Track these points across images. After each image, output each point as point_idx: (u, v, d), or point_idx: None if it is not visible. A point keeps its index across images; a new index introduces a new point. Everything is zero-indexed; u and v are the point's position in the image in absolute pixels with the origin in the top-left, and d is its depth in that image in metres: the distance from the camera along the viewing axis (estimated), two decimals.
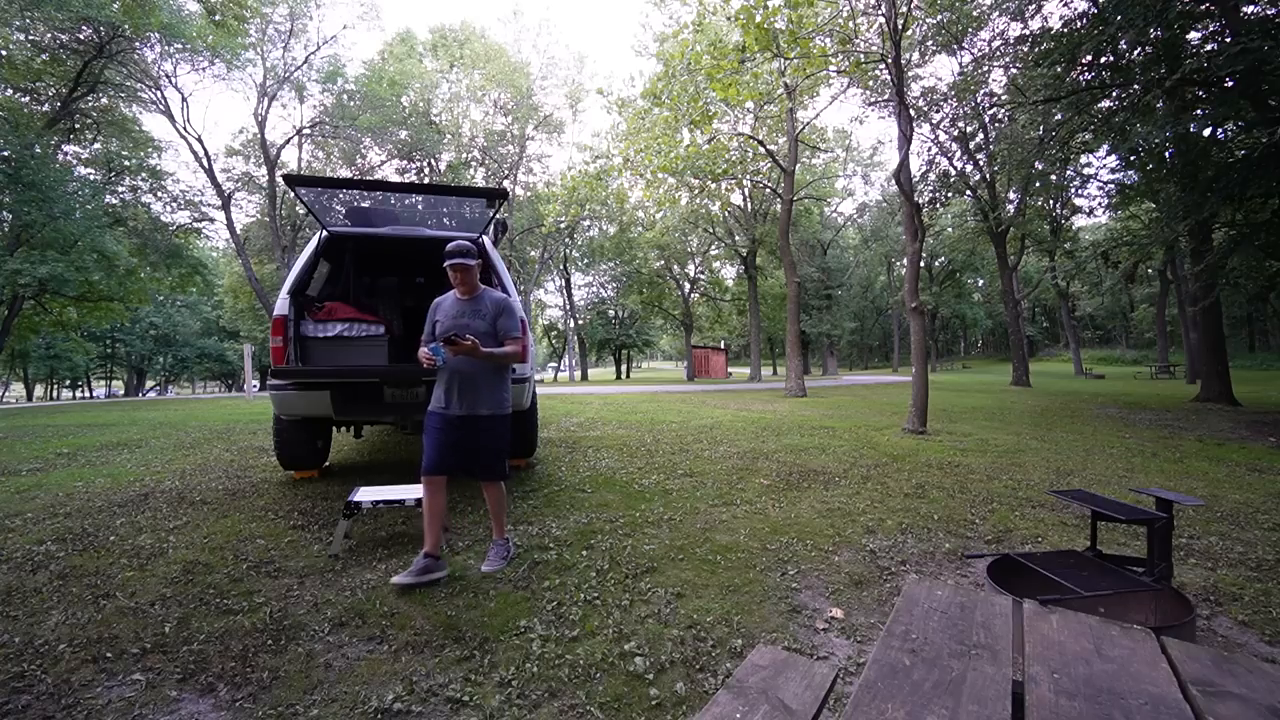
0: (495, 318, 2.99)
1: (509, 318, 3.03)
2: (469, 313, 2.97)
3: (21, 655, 2.16)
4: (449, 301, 3.04)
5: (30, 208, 14.25)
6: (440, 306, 3.05)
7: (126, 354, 39.89)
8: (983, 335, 56.03)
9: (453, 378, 2.90)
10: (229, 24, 18.34)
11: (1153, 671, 1.07)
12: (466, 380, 2.90)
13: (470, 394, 2.91)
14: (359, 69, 24.31)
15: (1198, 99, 9.56)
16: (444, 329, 2.91)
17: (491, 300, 3.03)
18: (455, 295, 3.04)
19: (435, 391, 2.97)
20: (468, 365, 2.88)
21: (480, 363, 2.88)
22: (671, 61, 13.09)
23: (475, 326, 2.92)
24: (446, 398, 2.91)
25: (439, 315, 3.02)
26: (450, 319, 2.96)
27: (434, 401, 2.97)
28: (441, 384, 2.95)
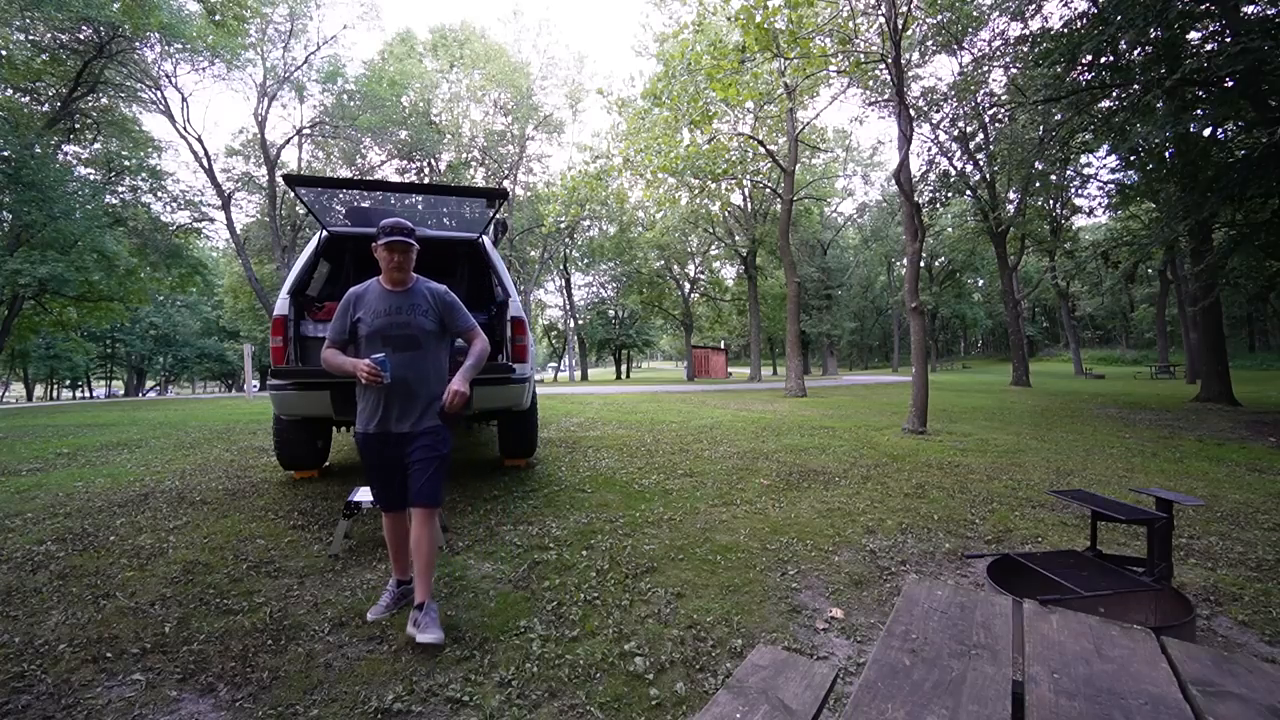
0: (441, 314, 2.48)
1: (458, 312, 2.52)
2: (406, 308, 2.39)
3: (21, 655, 2.16)
4: (373, 294, 2.43)
5: (30, 208, 14.25)
6: (362, 300, 2.42)
7: (126, 354, 39.90)
8: (983, 335, 56.04)
9: (392, 389, 2.35)
10: (229, 24, 18.34)
11: (1153, 671, 1.07)
12: (407, 390, 2.38)
13: (410, 405, 2.38)
14: (359, 69, 24.34)
15: (1198, 99, 9.56)
16: (375, 328, 2.36)
17: (431, 293, 2.48)
18: (381, 286, 2.44)
19: (363, 405, 2.40)
20: (412, 371, 2.37)
21: (428, 367, 2.42)
22: (671, 61, 13.09)
23: (420, 326, 2.40)
24: (385, 413, 2.36)
25: (361, 311, 2.40)
26: (382, 317, 2.37)
27: (365, 420, 2.38)
28: (374, 396, 2.37)
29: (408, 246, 2.40)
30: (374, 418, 2.38)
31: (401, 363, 2.33)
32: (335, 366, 2.35)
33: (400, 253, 2.39)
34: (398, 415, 2.37)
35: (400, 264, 2.40)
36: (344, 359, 2.36)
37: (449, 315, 2.51)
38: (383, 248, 2.37)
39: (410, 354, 2.37)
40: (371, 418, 2.38)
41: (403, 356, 2.34)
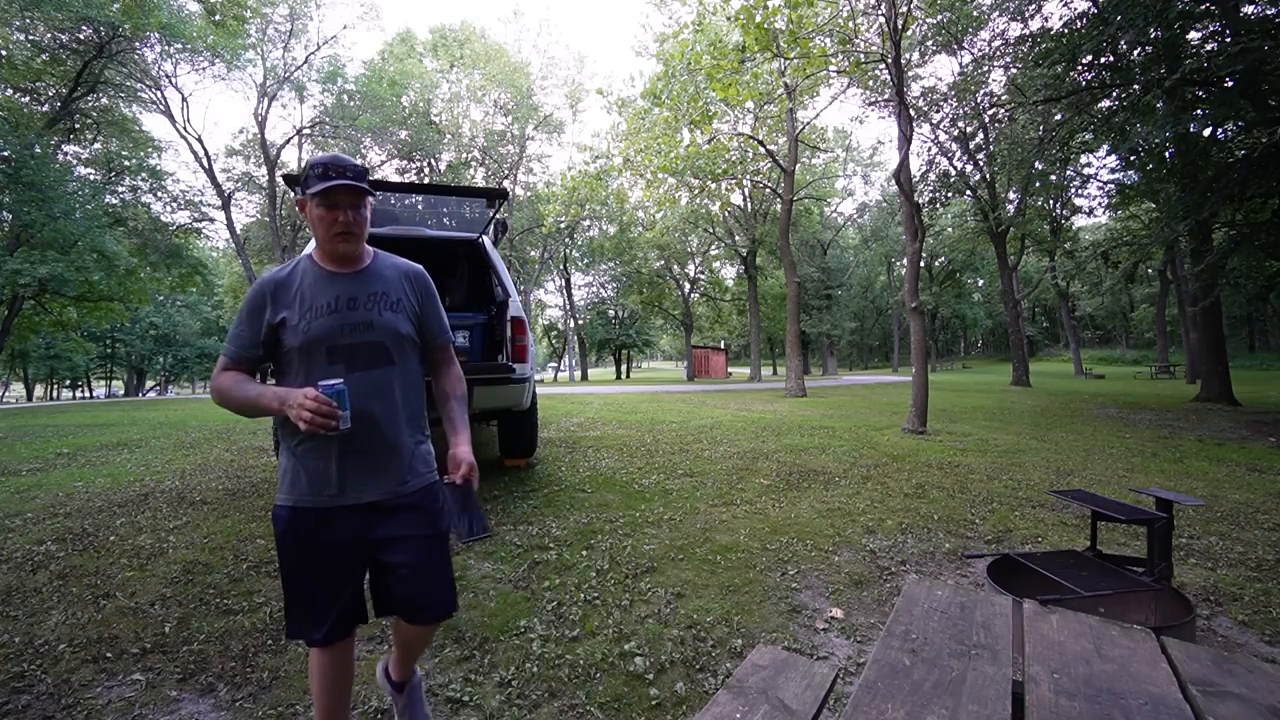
0: (420, 307, 1.54)
1: (438, 307, 1.60)
2: (365, 299, 1.44)
3: (21, 655, 2.16)
4: (306, 280, 1.43)
5: (30, 208, 14.25)
6: (285, 290, 1.42)
7: (126, 354, 39.90)
8: (983, 335, 56.04)
9: (349, 436, 1.35)
10: (229, 24, 18.35)
11: (1153, 671, 1.07)
12: (375, 434, 1.40)
13: (382, 458, 1.42)
14: (359, 69, 24.36)
15: (1198, 99, 9.57)
16: (315, 333, 1.38)
17: (404, 273, 1.54)
18: (316, 267, 1.45)
19: (295, 461, 1.40)
20: (380, 402, 1.41)
21: (406, 394, 1.48)
22: (671, 61, 13.09)
23: (389, 326, 1.45)
24: (340, 474, 1.39)
25: (287, 309, 1.40)
26: (325, 315, 1.40)
27: (301, 488, 1.39)
28: (318, 448, 1.38)
29: (358, 195, 1.39)
30: (315, 484, 1.37)
31: (364, 389, 1.36)
32: (240, 402, 1.34)
33: (347, 207, 1.39)
34: (360, 477, 1.38)
35: (349, 225, 1.39)
36: (255, 390, 1.34)
37: (429, 310, 1.55)
38: (317, 201, 1.37)
39: (377, 373, 1.41)
40: (313, 484, 1.37)
41: (365, 378, 1.38)
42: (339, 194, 1.39)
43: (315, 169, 1.38)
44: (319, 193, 1.37)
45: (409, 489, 1.45)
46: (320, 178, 1.37)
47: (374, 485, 1.41)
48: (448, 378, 1.63)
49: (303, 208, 1.44)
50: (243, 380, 1.39)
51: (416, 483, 1.48)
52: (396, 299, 1.49)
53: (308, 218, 1.43)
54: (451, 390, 1.62)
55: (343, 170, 1.38)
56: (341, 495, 1.39)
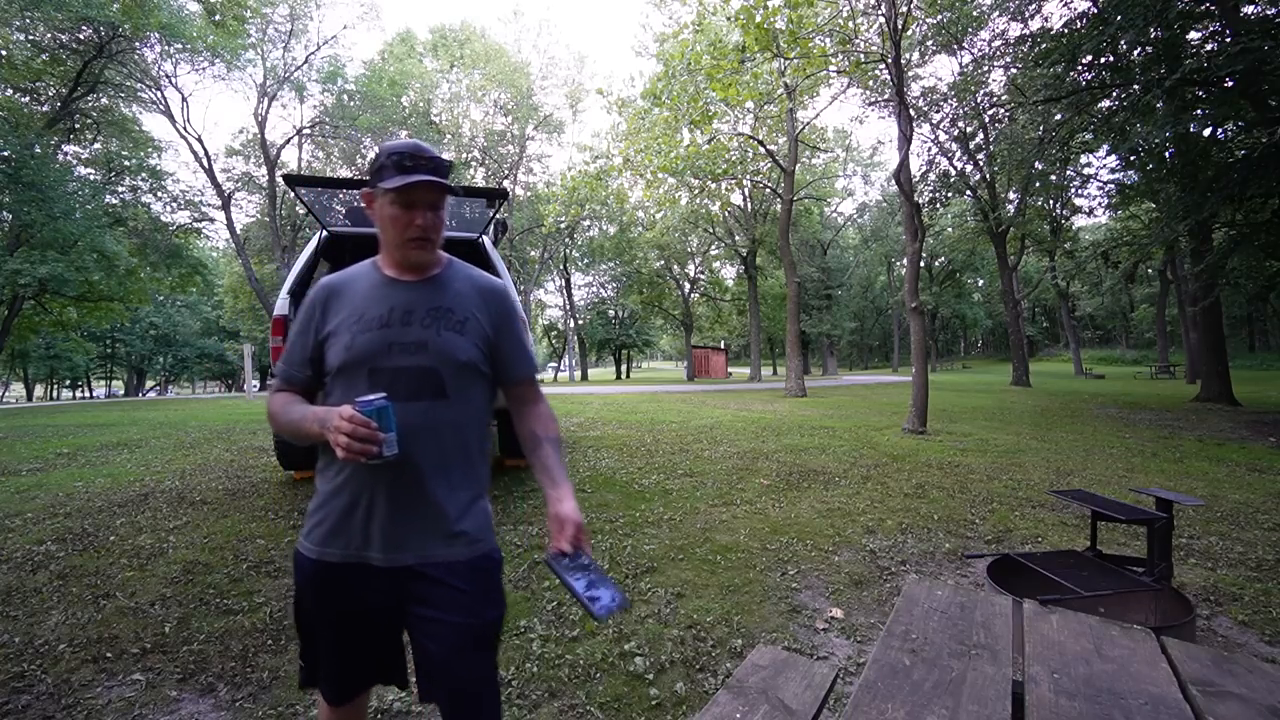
0: (495, 333, 1.22)
1: (520, 333, 1.29)
2: (425, 314, 1.16)
3: (21, 655, 2.16)
4: (363, 286, 1.21)
5: (30, 208, 14.25)
6: (341, 298, 1.20)
7: (126, 354, 39.90)
8: (983, 335, 56.04)
9: (387, 475, 1.09)
10: (229, 24, 18.35)
11: (1153, 671, 1.07)
12: (416, 481, 1.11)
13: (421, 512, 1.12)
14: (359, 69, 24.36)
15: (1198, 99, 9.57)
16: (359, 350, 1.13)
17: (480, 288, 1.25)
18: (379, 273, 1.21)
19: (323, 503, 1.15)
20: (430, 441, 1.12)
21: (461, 434, 1.17)
22: (671, 62, 13.10)
23: (448, 350, 1.15)
24: (365, 522, 1.11)
25: (337, 319, 1.17)
26: (375, 329, 1.14)
27: (322, 533, 1.13)
28: (351, 481, 1.12)
29: (440, 193, 1.16)
30: (341, 531, 1.11)
31: (406, 425, 1.06)
32: (286, 428, 1.14)
33: (427, 208, 1.15)
34: (395, 532, 1.10)
35: (426, 230, 1.15)
36: (299, 413, 1.11)
37: (506, 336, 1.24)
38: (391, 199, 1.13)
39: (423, 405, 1.11)
40: (339, 531, 1.11)
41: (408, 411, 1.08)
42: (419, 192, 1.13)
43: (391, 157, 1.12)
44: (397, 190, 1.11)
45: (452, 557, 1.11)
46: (398, 169, 1.11)
47: (411, 546, 1.10)
48: (534, 417, 1.28)
49: (369, 202, 1.18)
50: (291, 402, 1.17)
51: (462, 552, 1.12)
52: (463, 318, 1.18)
53: (375, 216, 1.18)
54: (543, 432, 1.26)
55: (425, 163, 1.13)
56: (367, 550, 1.10)
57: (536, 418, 1.29)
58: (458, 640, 1.10)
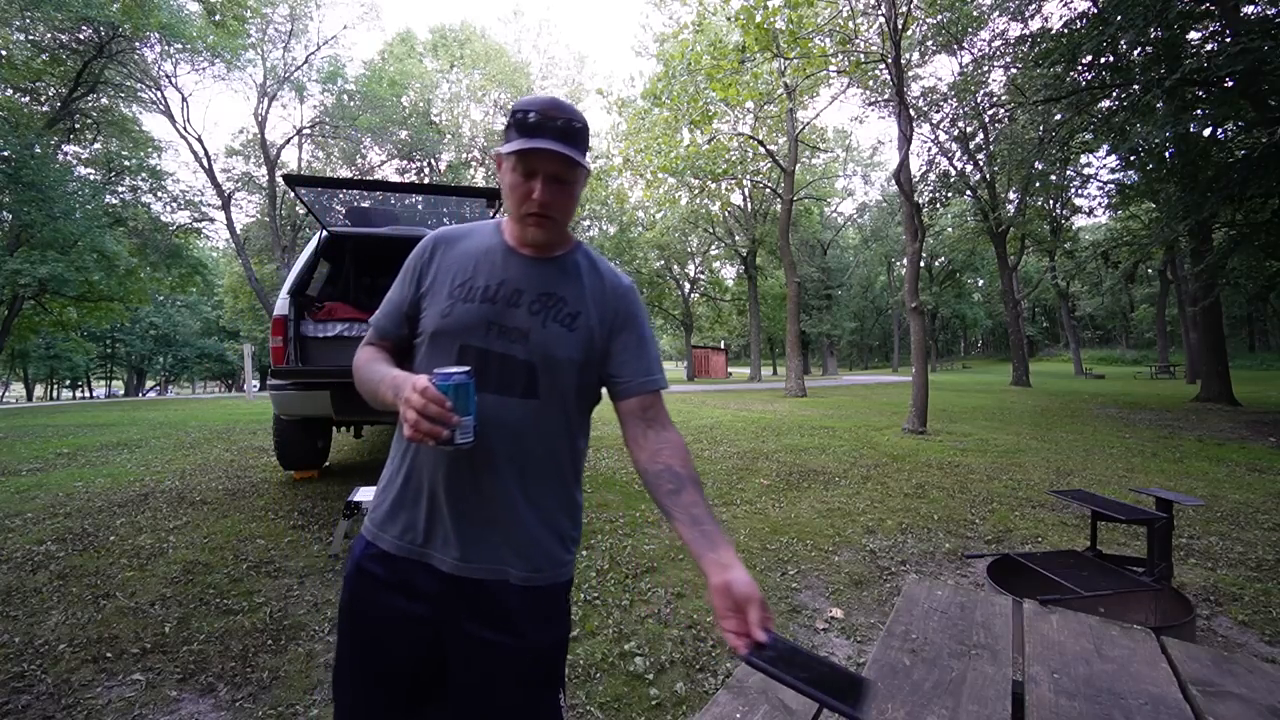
0: (609, 333, 1.02)
1: (640, 326, 1.06)
2: (537, 300, 0.98)
3: (21, 655, 2.16)
4: (479, 247, 1.03)
5: (30, 208, 14.25)
6: (451, 253, 1.03)
7: (126, 354, 39.90)
8: (983, 335, 56.05)
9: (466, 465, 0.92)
10: (229, 24, 18.35)
11: (1153, 671, 1.07)
12: (496, 483, 0.93)
13: (497, 521, 0.94)
14: (359, 69, 24.35)
15: (1198, 99, 9.57)
16: (453, 321, 0.96)
17: (600, 278, 1.05)
18: (503, 238, 1.03)
19: (388, 481, 1.00)
20: (507, 430, 0.93)
21: (549, 440, 0.98)
22: (671, 62, 13.10)
23: (549, 346, 0.96)
24: (431, 516, 0.95)
25: (449, 276, 1.01)
26: (478, 302, 0.97)
27: (382, 513, 0.99)
28: (422, 463, 0.95)
29: (567, 167, 0.94)
30: (400, 517, 0.97)
31: (494, 416, 0.92)
32: (364, 387, 1.00)
33: (549, 180, 0.94)
34: (463, 535, 0.94)
35: (545, 206, 0.95)
36: (379, 374, 0.96)
37: (625, 341, 1.03)
38: (511, 163, 0.94)
39: (512, 403, 0.94)
40: (396, 516, 0.97)
41: (496, 403, 0.92)
42: (540, 159, 0.92)
43: (516, 115, 0.93)
44: (517, 154, 0.92)
45: (528, 580, 0.94)
46: (520, 129, 0.92)
47: (482, 557, 0.93)
48: (664, 445, 0.99)
49: (499, 164, 0.98)
50: (376, 359, 1.01)
51: (534, 577, 0.95)
52: (574, 312, 0.99)
53: (504, 181, 0.97)
54: (682, 468, 0.96)
55: (552, 124, 0.91)
56: (428, 548, 0.95)
57: (667, 446, 0.99)
58: (508, 668, 0.93)
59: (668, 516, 0.96)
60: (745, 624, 0.79)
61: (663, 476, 0.96)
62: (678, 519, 0.94)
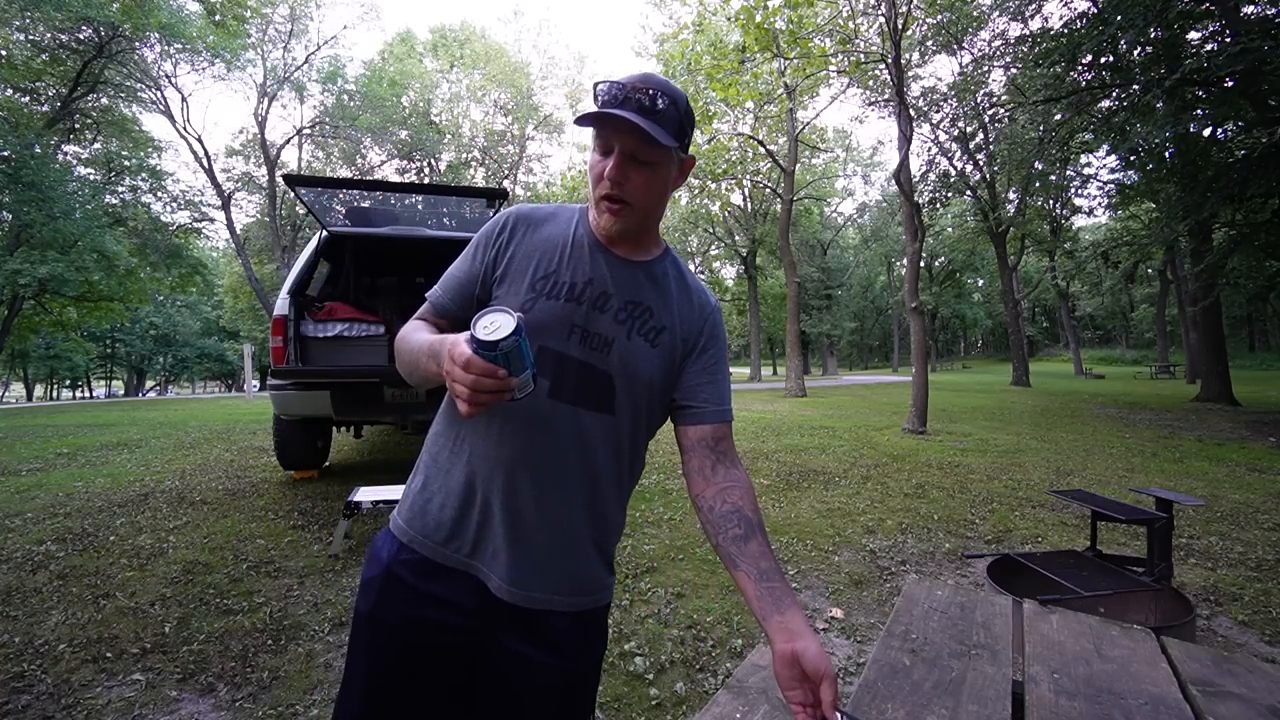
0: (695, 347, 0.93)
1: (720, 350, 0.96)
2: (623, 302, 0.88)
3: (21, 655, 2.16)
4: (566, 236, 0.90)
5: (30, 208, 14.25)
6: (535, 235, 0.91)
7: (126, 354, 39.91)
8: (983, 335, 56.05)
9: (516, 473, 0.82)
10: (229, 24, 18.35)
11: (1153, 671, 1.07)
12: (555, 500, 0.84)
13: (554, 544, 0.85)
14: (359, 69, 24.36)
15: (1198, 99, 9.57)
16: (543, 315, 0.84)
17: (691, 294, 0.95)
18: (591, 230, 0.90)
19: (427, 474, 0.90)
20: (582, 444, 0.84)
21: (616, 459, 0.89)
22: (671, 62, 13.11)
23: (630, 359, 0.86)
24: (483, 525, 0.84)
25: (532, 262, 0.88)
26: (565, 296, 0.86)
27: (418, 512, 0.88)
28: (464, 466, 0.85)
29: (646, 143, 0.79)
30: (440, 520, 0.86)
31: (566, 429, 0.84)
32: (406, 357, 0.86)
33: (625, 158, 0.81)
34: (514, 555, 0.84)
35: (618, 185, 0.82)
36: (419, 341, 0.82)
37: (706, 363, 0.94)
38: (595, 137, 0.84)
39: (587, 417, 0.85)
40: (438, 519, 0.86)
41: (569, 414, 0.84)
42: (615, 132, 0.81)
43: (600, 85, 0.82)
44: (588, 121, 0.81)
45: (574, 605, 0.87)
46: (597, 99, 0.82)
47: (529, 583, 0.84)
48: (732, 484, 0.92)
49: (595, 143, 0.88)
50: (419, 329, 0.89)
51: (582, 601, 0.88)
52: (660, 326, 0.89)
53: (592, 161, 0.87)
54: (751, 511, 0.91)
55: (632, 95, 0.80)
56: (475, 559, 0.85)
57: (737, 487, 0.91)
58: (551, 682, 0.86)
59: (729, 565, 0.87)
60: (813, 699, 0.74)
61: (730, 519, 0.89)
62: (743, 570, 0.85)
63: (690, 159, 0.90)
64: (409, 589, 0.85)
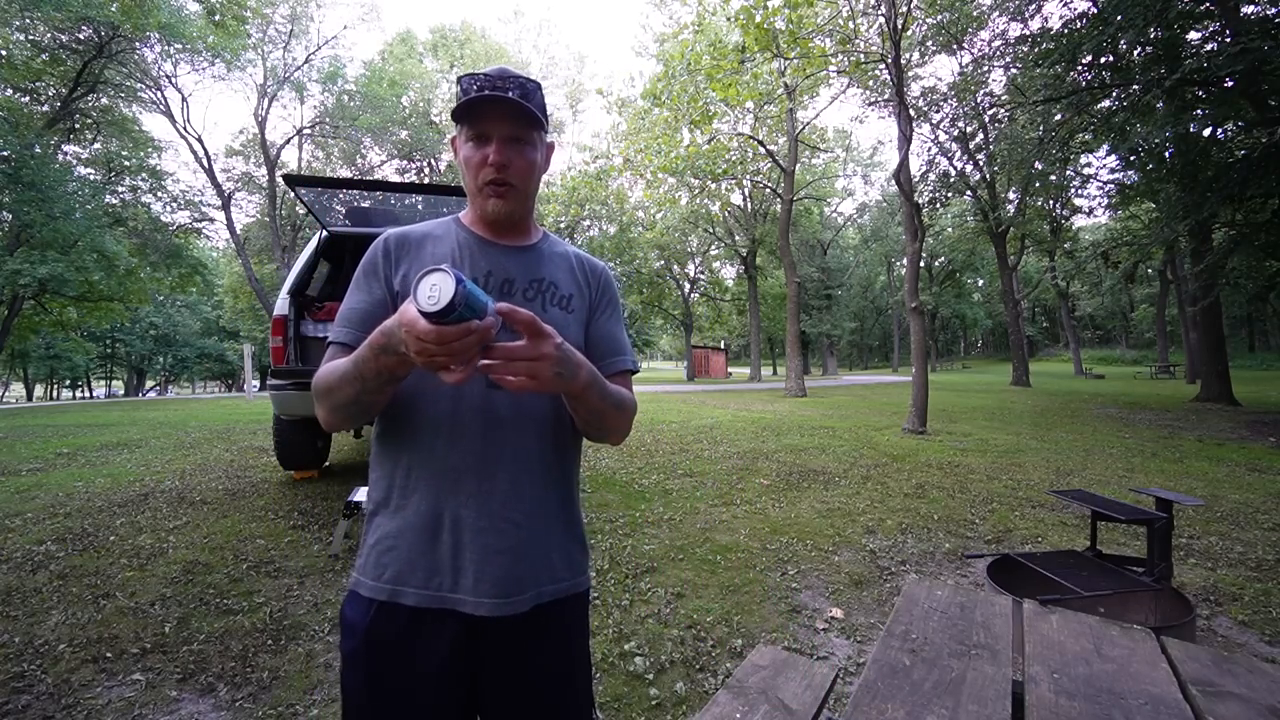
0: (596, 308, 1.00)
1: (617, 308, 1.04)
2: (526, 284, 0.93)
3: (21, 655, 2.16)
4: (448, 243, 0.93)
5: (30, 208, 14.25)
6: (419, 246, 0.93)
7: (126, 354, 39.91)
8: (983, 335, 56.04)
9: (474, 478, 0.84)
10: (229, 24, 18.34)
11: (1153, 671, 1.07)
12: (508, 489, 0.85)
13: (519, 534, 0.85)
14: (359, 69, 24.35)
15: (1198, 99, 9.57)
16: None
17: (575, 259, 1.01)
18: (467, 231, 0.95)
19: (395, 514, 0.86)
20: (523, 430, 0.87)
21: (559, 440, 0.92)
22: (671, 62, 13.10)
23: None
24: (455, 544, 0.83)
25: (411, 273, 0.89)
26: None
27: (397, 560, 0.84)
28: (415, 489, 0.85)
29: (522, 121, 0.89)
30: (421, 556, 0.84)
31: (508, 414, 0.87)
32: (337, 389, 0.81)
33: (505, 141, 0.88)
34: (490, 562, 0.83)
35: (503, 168, 0.88)
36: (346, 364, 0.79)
37: (606, 319, 1.01)
38: (464, 131, 0.91)
39: (525, 401, 0.88)
40: (416, 555, 0.84)
41: (507, 399, 0.86)
42: (489, 118, 0.87)
43: (465, 82, 0.88)
44: (462, 112, 0.87)
45: (561, 593, 0.90)
46: (465, 94, 0.87)
47: (515, 588, 0.84)
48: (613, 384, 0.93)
49: (455, 149, 0.93)
50: (337, 364, 0.83)
51: (567, 588, 0.91)
52: (568, 294, 0.95)
53: (456, 151, 0.92)
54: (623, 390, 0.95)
55: (500, 83, 0.87)
56: (456, 587, 0.83)
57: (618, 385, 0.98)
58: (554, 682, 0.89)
59: None
60: None
61: None
62: None
63: (551, 144, 0.96)
64: (392, 647, 0.84)
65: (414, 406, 0.85)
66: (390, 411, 0.87)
